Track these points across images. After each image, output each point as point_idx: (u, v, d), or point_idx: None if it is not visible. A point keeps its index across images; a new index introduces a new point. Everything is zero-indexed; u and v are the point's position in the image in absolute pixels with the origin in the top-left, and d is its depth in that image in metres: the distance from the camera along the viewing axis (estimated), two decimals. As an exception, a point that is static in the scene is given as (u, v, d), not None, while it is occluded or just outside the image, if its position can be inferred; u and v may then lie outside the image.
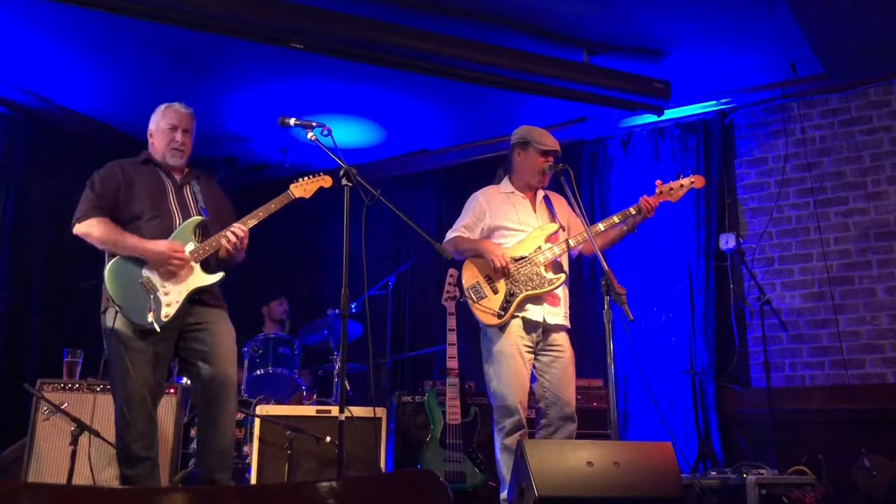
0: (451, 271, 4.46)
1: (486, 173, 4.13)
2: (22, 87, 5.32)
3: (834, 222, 5.08)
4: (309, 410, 4.07)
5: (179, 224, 3.19)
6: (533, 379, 3.54)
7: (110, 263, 3.08)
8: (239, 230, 3.18)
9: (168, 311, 3.03)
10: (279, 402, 4.81)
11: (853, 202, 5.05)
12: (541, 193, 3.79)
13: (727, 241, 5.21)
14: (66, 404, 3.69)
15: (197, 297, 3.14)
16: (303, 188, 3.36)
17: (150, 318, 2.99)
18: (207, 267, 3.18)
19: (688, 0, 4.32)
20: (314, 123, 3.15)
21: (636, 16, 4.48)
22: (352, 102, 5.61)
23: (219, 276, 3.19)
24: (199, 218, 3.23)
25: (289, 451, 3.77)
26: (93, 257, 3.28)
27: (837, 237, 5.05)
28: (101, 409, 3.79)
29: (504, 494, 3.34)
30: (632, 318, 3.02)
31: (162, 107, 3.38)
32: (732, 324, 5.23)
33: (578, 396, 3.93)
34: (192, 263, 3.12)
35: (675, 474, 2.78)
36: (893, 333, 4.79)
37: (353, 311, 5.01)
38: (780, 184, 5.26)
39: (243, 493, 1.98)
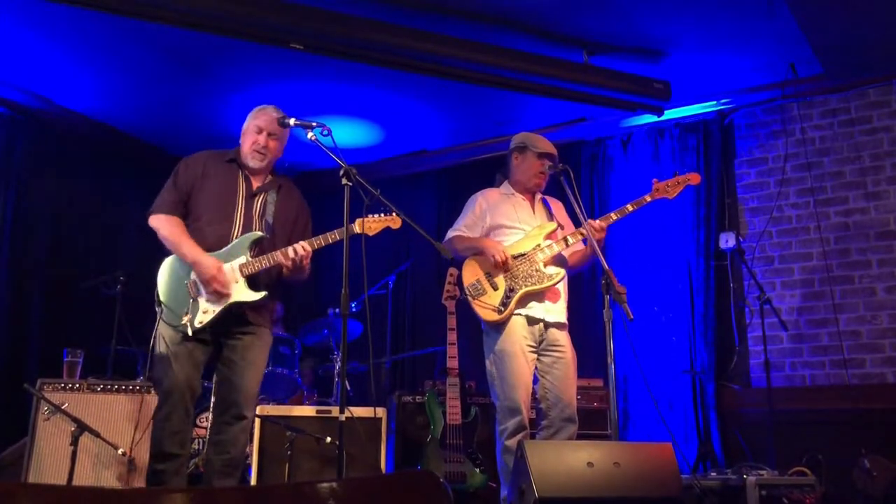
0: (452, 270, 4.47)
1: (486, 173, 4.13)
2: (22, 87, 5.31)
3: (834, 222, 5.08)
4: (309, 410, 4.07)
5: (238, 233, 3.20)
6: (535, 380, 3.54)
7: (168, 259, 3.17)
8: (301, 248, 3.18)
9: (203, 318, 3.08)
10: (279, 402, 4.81)
11: (853, 202, 5.05)
12: (539, 196, 3.82)
13: (727, 241, 5.21)
14: (66, 404, 3.68)
15: (240, 312, 3.17)
16: (368, 225, 3.27)
17: (185, 320, 3.07)
18: (255, 283, 3.18)
19: (688, 0, 4.33)
20: (314, 123, 3.14)
21: (636, 16, 4.47)
22: (351, 103, 5.60)
23: (261, 294, 3.18)
24: (258, 234, 3.22)
25: (289, 452, 3.77)
26: (93, 258, 3.29)
27: (837, 237, 5.05)
28: (101, 409, 3.79)
29: (504, 495, 3.34)
30: (632, 317, 3.03)
31: (256, 108, 3.41)
32: (732, 323, 5.23)
33: (579, 396, 3.93)
34: (238, 278, 3.13)
35: (675, 475, 2.78)
36: (893, 333, 4.79)
37: (353, 310, 5.01)
38: (779, 183, 5.26)
39: (243, 493, 1.98)
